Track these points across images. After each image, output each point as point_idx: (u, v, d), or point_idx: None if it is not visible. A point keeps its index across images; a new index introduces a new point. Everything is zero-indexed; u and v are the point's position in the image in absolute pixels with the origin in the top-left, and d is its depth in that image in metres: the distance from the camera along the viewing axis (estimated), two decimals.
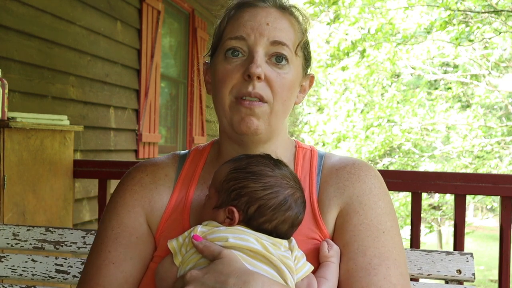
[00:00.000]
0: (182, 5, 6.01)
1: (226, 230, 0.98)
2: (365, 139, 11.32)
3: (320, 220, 1.08)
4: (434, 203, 11.89)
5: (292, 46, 1.09)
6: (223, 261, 0.92)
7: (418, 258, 1.29)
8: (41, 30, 3.48)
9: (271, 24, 1.07)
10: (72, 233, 1.48)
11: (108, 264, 1.08)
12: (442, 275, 1.29)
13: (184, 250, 0.99)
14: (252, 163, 1.02)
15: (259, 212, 0.98)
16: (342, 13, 9.46)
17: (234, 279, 0.88)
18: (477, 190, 2.60)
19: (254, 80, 1.04)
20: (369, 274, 1.01)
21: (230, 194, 1.00)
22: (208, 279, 0.90)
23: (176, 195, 1.14)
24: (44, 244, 1.48)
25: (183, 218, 1.10)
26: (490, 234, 13.57)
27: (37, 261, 1.47)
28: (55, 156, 2.83)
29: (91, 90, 4.12)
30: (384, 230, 1.06)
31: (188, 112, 6.32)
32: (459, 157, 11.11)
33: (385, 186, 1.13)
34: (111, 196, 1.19)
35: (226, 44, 1.08)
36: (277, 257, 0.96)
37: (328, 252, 1.04)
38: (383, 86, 12.63)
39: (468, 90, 12.15)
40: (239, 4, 1.12)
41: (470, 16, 8.23)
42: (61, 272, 1.45)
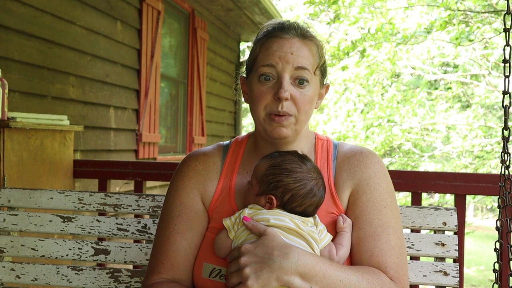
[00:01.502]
0: (182, 5, 6.01)
1: (267, 212, 1.29)
2: (365, 139, 11.32)
3: (337, 198, 1.40)
4: (434, 203, 11.89)
5: (312, 69, 1.38)
6: (268, 237, 1.23)
7: (412, 213, 1.62)
8: (41, 30, 3.48)
9: (295, 53, 1.36)
10: (127, 197, 1.80)
11: (175, 234, 1.41)
12: (430, 227, 1.61)
13: (236, 227, 1.30)
14: (285, 161, 1.32)
15: (292, 199, 1.30)
16: (342, 13, 9.45)
17: (278, 251, 1.19)
18: (477, 190, 2.60)
19: (282, 101, 1.34)
20: (374, 240, 1.34)
21: (269, 185, 1.30)
22: (258, 251, 1.20)
23: (222, 180, 1.45)
24: (105, 207, 1.80)
25: (230, 198, 1.42)
26: (490, 234, 13.56)
27: (101, 221, 1.78)
28: (55, 156, 2.83)
29: (91, 90, 4.12)
30: (386, 205, 1.37)
31: (188, 112, 6.32)
32: (459, 157, 11.11)
33: (386, 169, 1.44)
34: (172, 181, 1.50)
35: (260, 70, 1.37)
36: (306, 232, 1.27)
37: (343, 224, 1.35)
38: (383, 86, 12.62)
39: (468, 90, 12.15)
40: (268, 33, 1.41)
41: (470, 16, 8.22)
42: (122, 229, 1.77)
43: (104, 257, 1.76)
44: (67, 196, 1.81)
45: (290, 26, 1.40)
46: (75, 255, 1.77)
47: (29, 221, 1.80)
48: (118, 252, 1.76)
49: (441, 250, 1.58)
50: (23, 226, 1.80)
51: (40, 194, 1.82)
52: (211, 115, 7.11)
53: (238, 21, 7.50)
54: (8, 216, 1.81)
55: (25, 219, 1.80)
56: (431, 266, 1.59)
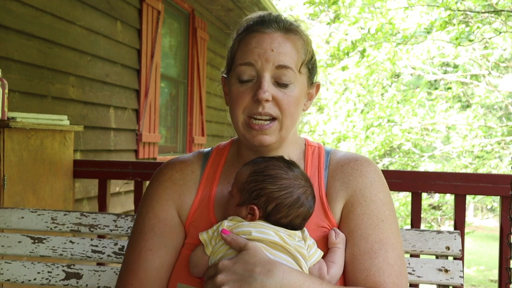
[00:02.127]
0: (182, 5, 6.01)
1: (249, 224, 1.15)
2: (365, 139, 11.32)
3: (328, 210, 1.25)
4: (434, 203, 11.89)
5: (296, 67, 1.23)
6: (249, 252, 1.08)
7: (412, 236, 1.48)
8: (41, 30, 3.47)
9: (276, 50, 1.21)
10: (104, 217, 1.66)
11: (146, 251, 1.26)
12: (433, 251, 1.48)
13: (214, 242, 1.16)
14: (269, 167, 1.18)
15: (276, 210, 1.15)
16: (342, 13, 9.45)
17: (260, 268, 1.05)
18: (477, 190, 2.60)
19: (262, 103, 1.20)
20: (371, 257, 1.19)
21: (251, 194, 1.16)
22: (237, 268, 1.06)
23: (201, 190, 1.31)
24: (80, 227, 1.67)
25: (208, 210, 1.27)
26: (490, 234, 13.56)
27: (74, 242, 1.65)
28: (55, 156, 2.83)
29: (91, 90, 4.12)
30: (383, 218, 1.23)
31: (188, 112, 6.32)
32: (459, 157, 11.11)
33: (384, 179, 1.28)
34: (146, 190, 1.36)
35: (238, 70, 1.23)
36: (293, 247, 1.13)
37: (335, 239, 1.21)
38: (383, 86, 12.62)
39: (468, 90, 12.15)
40: (248, 28, 1.28)
41: (470, 16, 8.22)
42: (97, 252, 1.64)
43: (75, 281, 1.62)
44: (40, 216, 1.67)
45: (271, 20, 1.26)
46: (44, 279, 1.63)
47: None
48: (91, 276, 1.62)
49: (444, 277, 1.45)
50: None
51: (10, 213, 1.69)
52: (211, 115, 7.11)
53: (238, 21, 7.39)
54: None
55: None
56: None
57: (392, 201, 1.28)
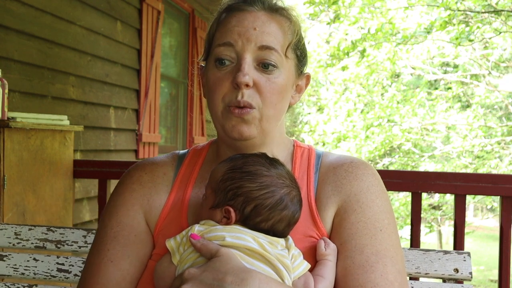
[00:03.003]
0: (182, 5, 6.01)
1: (223, 229, 0.99)
2: (365, 139, 11.32)
3: (318, 218, 1.08)
4: (434, 203, 11.89)
5: (281, 49, 1.08)
6: (220, 259, 0.92)
7: (416, 257, 1.30)
8: (41, 30, 3.47)
9: (259, 29, 1.06)
10: (73, 233, 1.50)
11: (106, 262, 1.10)
12: (439, 274, 1.30)
13: (182, 249, 1.00)
14: (248, 162, 1.03)
15: (255, 212, 0.99)
16: (342, 13, 9.45)
17: (232, 277, 0.89)
18: (477, 190, 2.60)
19: (242, 88, 1.04)
20: (366, 272, 1.02)
21: (226, 194, 1.01)
22: (206, 276, 0.90)
23: (174, 194, 1.15)
24: (45, 244, 1.51)
25: (181, 217, 1.11)
26: (490, 234, 13.57)
27: (38, 260, 1.48)
28: (55, 156, 2.83)
29: (91, 90, 4.12)
30: (382, 228, 1.06)
31: (188, 112, 6.32)
32: (459, 157, 11.10)
33: (383, 184, 1.13)
34: (111, 195, 1.20)
35: (216, 52, 1.08)
36: (274, 256, 0.96)
37: (325, 250, 1.04)
38: (383, 86, 12.63)
39: (468, 90, 12.14)
40: (228, 8, 1.11)
41: (470, 16, 8.22)
42: (63, 271, 1.47)
43: None
44: (1, 230, 1.52)
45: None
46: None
47: None
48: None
49: None
50: None
51: None
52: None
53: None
54: None
55: None
56: None
57: (392, 209, 1.12)
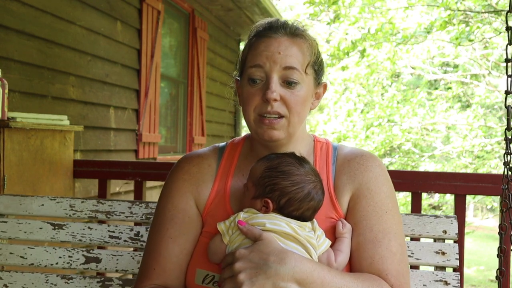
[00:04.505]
0: (182, 5, 6.01)
1: (263, 216, 1.24)
2: (365, 139, 11.32)
3: (336, 202, 1.34)
4: (434, 203, 11.89)
5: (301, 68, 1.32)
6: (263, 242, 1.17)
7: (411, 221, 1.57)
8: (41, 30, 3.47)
9: (283, 53, 1.31)
10: (119, 204, 1.74)
11: (167, 239, 1.36)
12: (430, 235, 1.56)
13: (231, 231, 1.25)
14: (282, 163, 1.28)
15: (288, 203, 1.25)
16: (342, 13, 9.45)
17: (274, 257, 1.14)
18: (477, 190, 2.60)
19: (271, 102, 1.30)
20: (375, 246, 1.29)
21: (265, 188, 1.25)
22: (253, 256, 1.15)
23: (217, 182, 1.40)
24: (97, 214, 1.74)
25: (225, 202, 1.37)
26: (490, 234, 13.56)
27: (92, 228, 1.73)
28: (55, 156, 2.83)
29: (91, 90, 4.12)
30: (387, 210, 1.33)
31: (188, 112, 6.32)
32: (459, 157, 11.10)
33: (387, 173, 1.38)
34: (165, 183, 1.46)
35: (248, 72, 1.34)
36: (303, 237, 1.22)
37: (343, 229, 1.30)
38: (383, 86, 12.63)
39: (468, 90, 12.15)
40: (257, 33, 1.37)
41: (470, 16, 8.23)
42: (114, 237, 1.72)
43: (95, 265, 1.71)
44: (58, 203, 1.75)
45: (278, 26, 1.36)
46: (65, 263, 1.71)
47: (18, 228, 1.74)
48: (109, 260, 1.70)
49: (441, 259, 1.55)
50: (12, 234, 1.74)
51: (31, 200, 1.76)
52: (211, 115, 7.11)
53: (238, 21, 7.50)
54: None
55: (15, 226, 1.74)
56: (431, 276, 1.55)
57: (395, 194, 1.38)
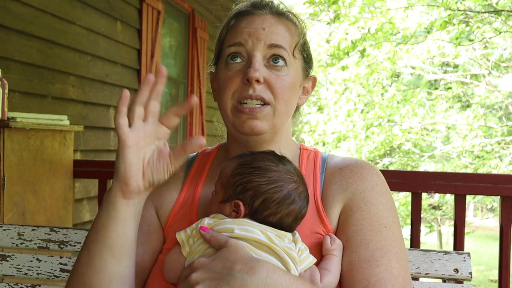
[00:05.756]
0: (182, 5, 6.01)
1: (232, 221, 1.02)
2: (365, 139, 11.32)
3: (324, 215, 1.12)
4: (434, 203, 11.89)
5: (289, 48, 1.13)
6: (229, 249, 0.95)
7: (417, 257, 1.32)
8: (41, 30, 3.47)
9: (268, 29, 1.12)
10: (76, 233, 1.51)
11: None
12: (439, 274, 1.31)
13: (192, 241, 1.03)
14: (257, 158, 1.06)
15: (264, 206, 1.02)
16: (342, 13, 9.45)
17: (240, 265, 0.91)
18: (477, 190, 2.60)
19: (253, 84, 1.08)
20: (371, 266, 1.04)
21: (236, 188, 1.04)
22: (215, 265, 0.93)
23: (184, 192, 1.20)
24: (48, 244, 1.52)
25: (191, 213, 1.15)
26: (490, 234, 13.57)
27: (41, 260, 1.50)
28: (55, 156, 2.83)
29: (91, 90, 4.12)
30: (386, 224, 1.09)
31: (188, 112, 6.31)
32: (459, 157, 11.10)
33: (386, 183, 1.17)
34: None
35: (226, 51, 1.13)
36: (281, 248, 0.99)
37: (331, 245, 1.07)
38: (383, 86, 12.63)
39: (468, 90, 12.15)
40: (237, 14, 1.18)
41: (470, 16, 8.22)
42: (66, 271, 1.48)
43: None
44: (5, 231, 1.53)
45: (263, 4, 1.18)
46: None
47: None
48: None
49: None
50: None
51: None
52: (211, 115, 7.11)
53: None
54: None
55: None
56: None
57: (396, 208, 1.15)
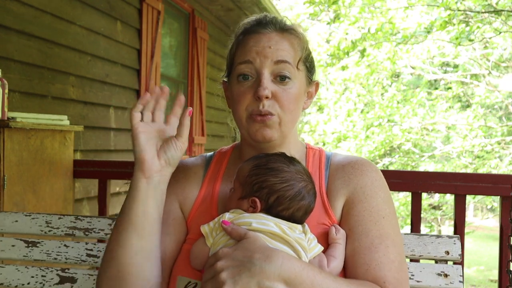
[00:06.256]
0: (182, 5, 6.01)
1: (250, 216, 1.16)
2: (365, 139, 11.32)
3: (329, 208, 1.27)
4: (434, 203, 11.89)
5: (293, 62, 1.27)
6: (248, 240, 1.10)
7: (411, 241, 1.48)
8: (41, 30, 3.47)
9: (273, 47, 1.26)
10: (99, 221, 1.64)
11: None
12: (432, 256, 1.47)
13: (215, 233, 1.18)
14: (271, 160, 1.21)
15: (277, 202, 1.17)
16: (342, 13, 9.45)
17: (259, 254, 1.05)
18: (477, 190, 2.60)
19: (263, 100, 1.24)
20: (371, 252, 1.20)
21: (253, 187, 1.18)
22: (237, 254, 1.07)
23: (204, 188, 1.35)
24: (74, 231, 1.65)
25: (211, 208, 1.30)
26: (490, 234, 13.57)
27: (69, 246, 1.64)
28: (55, 156, 2.83)
29: (91, 90, 4.12)
30: (384, 215, 1.25)
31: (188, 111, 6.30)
32: (459, 157, 11.10)
33: (384, 179, 1.31)
34: None
35: (237, 69, 1.28)
36: (293, 238, 1.14)
37: (336, 235, 1.22)
38: (383, 86, 12.63)
39: (468, 90, 12.15)
40: (245, 31, 1.33)
41: (470, 16, 8.22)
42: (92, 256, 1.62)
43: (70, 285, 1.61)
44: (34, 219, 1.66)
45: (267, 21, 1.31)
46: (38, 283, 1.62)
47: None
48: (85, 280, 1.61)
49: (444, 282, 1.46)
50: None
51: (4, 216, 1.67)
52: (211, 115, 7.11)
53: (238, 21, 7.36)
54: None
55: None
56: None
57: (392, 200, 1.30)
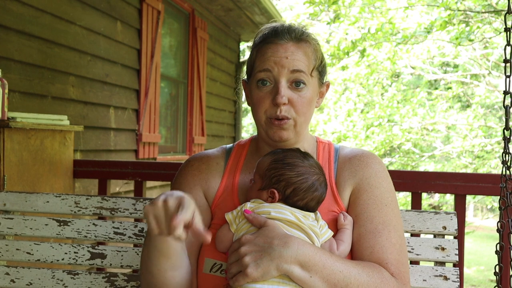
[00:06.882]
0: (182, 5, 6.01)
1: (269, 206, 1.32)
2: (365, 139, 11.31)
3: (338, 197, 1.43)
4: (434, 203, 11.89)
5: (308, 71, 1.42)
6: (268, 228, 1.26)
7: (412, 217, 1.62)
8: (41, 30, 3.47)
9: (290, 57, 1.40)
10: (124, 201, 1.79)
11: None
12: (431, 231, 1.61)
13: (238, 220, 1.33)
14: (287, 156, 1.36)
15: (293, 193, 1.33)
16: (342, 13, 9.45)
17: (278, 240, 1.22)
18: (477, 190, 2.60)
19: (280, 106, 1.39)
20: (375, 236, 1.36)
21: (271, 179, 1.34)
22: (258, 240, 1.24)
23: (226, 178, 1.50)
24: (101, 211, 1.79)
25: (233, 195, 1.46)
26: (490, 234, 13.56)
27: (97, 224, 1.78)
28: (55, 156, 2.83)
29: (91, 90, 4.12)
30: (387, 203, 1.40)
31: (188, 112, 6.31)
32: (459, 157, 11.10)
33: (387, 170, 1.47)
34: (175, 178, 1.55)
35: (257, 76, 1.43)
36: (307, 226, 1.30)
37: (344, 221, 1.38)
38: (383, 86, 12.62)
39: (468, 90, 12.14)
40: (263, 40, 1.46)
41: (470, 16, 8.22)
42: (119, 233, 1.77)
43: (100, 261, 1.76)
44: (64, 200, 1.80)
45: (283, 31, 1.44)
46: (71, 259, 1.76)
47: (24, 225, 1.79)
48: (114, 256, 1.75)
49: (441, 255, 1.59)
50: (18, 230, 1.79)
51: (36, 197, 1.81)
52: (211, 115, 7.11)
53: (238, 21, 7.50)
54: (3, 219, 1.80)
55: (21, 223, 1.79)
56: (431, 271, 1.59)
57: (394, 190, 1.45)
